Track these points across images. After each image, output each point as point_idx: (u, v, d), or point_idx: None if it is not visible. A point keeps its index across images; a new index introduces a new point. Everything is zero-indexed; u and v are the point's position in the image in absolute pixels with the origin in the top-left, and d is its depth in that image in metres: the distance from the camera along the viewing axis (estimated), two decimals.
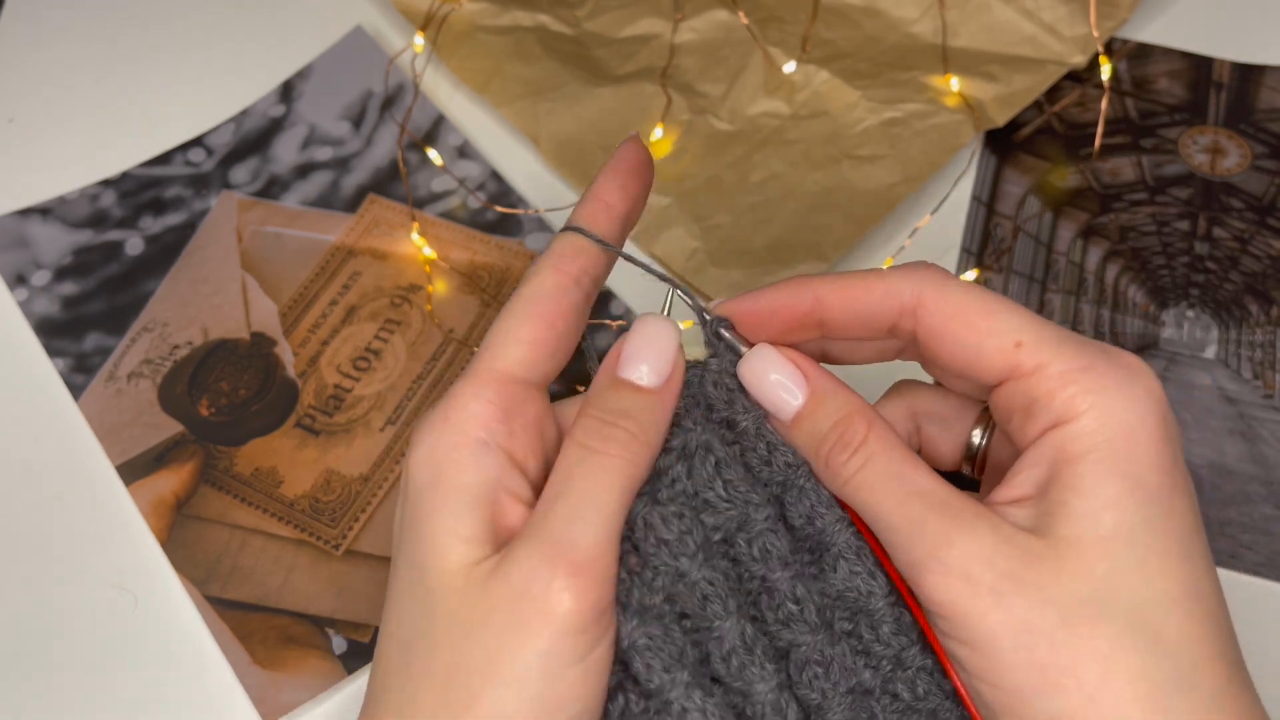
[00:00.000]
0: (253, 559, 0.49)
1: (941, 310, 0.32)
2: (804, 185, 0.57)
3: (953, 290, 0.32)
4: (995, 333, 0.31)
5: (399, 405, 0.53)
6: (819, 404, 0.33)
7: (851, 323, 0.34)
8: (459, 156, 0.61)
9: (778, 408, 0.34)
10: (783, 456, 0.33)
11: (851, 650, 0.33)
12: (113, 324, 0.56)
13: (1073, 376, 0.30)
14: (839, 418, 0.33)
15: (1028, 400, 0.31)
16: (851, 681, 0.33)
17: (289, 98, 0.63)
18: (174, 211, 0.59)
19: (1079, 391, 0.30)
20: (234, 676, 0.46)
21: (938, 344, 0.32)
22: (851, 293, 0.33)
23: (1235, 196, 0.57)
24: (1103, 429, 0.30)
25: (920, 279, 0.32)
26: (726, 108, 0.60)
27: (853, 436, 0.32)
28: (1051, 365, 0.30)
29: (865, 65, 0.61)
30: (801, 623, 0.33)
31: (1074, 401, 0.30)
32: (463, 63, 0.62)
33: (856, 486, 0.32)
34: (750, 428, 0.34)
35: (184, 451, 0.52)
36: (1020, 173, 0.59)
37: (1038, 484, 0.31)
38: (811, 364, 0.34)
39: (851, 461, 0.32)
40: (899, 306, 0.33)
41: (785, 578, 0.33)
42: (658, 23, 0.63)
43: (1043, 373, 0.30)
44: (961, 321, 0.32)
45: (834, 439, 0.32)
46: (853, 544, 0.33)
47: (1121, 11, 0.60)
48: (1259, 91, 0.60)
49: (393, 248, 0.57)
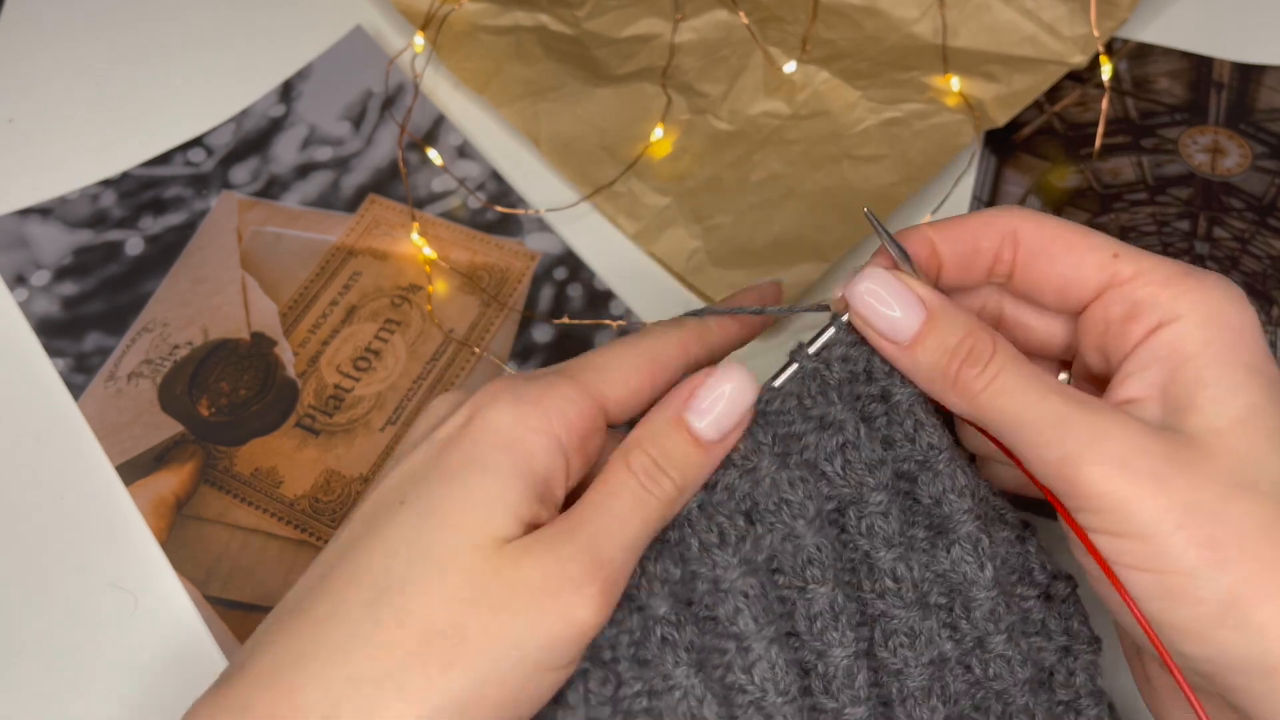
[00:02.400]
0: (253, 559, 0.49)
1: (1040, 233, 0.34)
2: (804, 185, 0.57)
3: (1045, 217, 0.34)
4: (1094, 246, 0.33)
5: (399, 405, 0.53)
6: (940, 320, 0.33)
7: (962, 258, 0.35)
8: (459, 156, 0.61)
9: (897, 327, 0.33)
10: (927, 437, 0.34)
11: (939, 622, 0.34)
12: (113, 324, 0.56)
13: (1174, 279, 0.32)
14: (965, 333, 0.33)
15: (1129, 304, 0.32)
16: (934, 653, 0.34)
17: (289, 98, 0.63)
18: (174, 211, 0.59)
19: (1181, 292, 0.32)
20: None
21: (1040, 263, 0.34)
22: (959, 227, 0.35)
23: (1235, 196, 0.57)
24: (1211, 323, 0.31)
25: (1011, 212, 0.35)
26: (726, 108, 0.60)
27: (982, 349, 0.32)
28: (1152, 270, 0.32)
29: (865, 65, 0.61)
30: (896, 598, 0.34)
31: (1179, 300, 0.32)
32: (463, 63, 0.62)
33: (994, 393, 0.32)
34: (903, 401, 0.34)
35: (184, 451, 0.52)
36: (1020, 173, 0.59)
37: (1156, 382, 0.32)
38: (925, 285, 0.34)
39: (986, 371, 0.32)
40: (1000, 234, 0.34)
41: (889, 557, 0.34)
42: (658, 23, 0.63)
43: (1143, 277, 0.32)
44: (1061, 240, 0.34)
45: (964, 352, 0.32)
46: (973, 535, 0.33)
47: (1121, 11, 0.60)
48: (1259, 91, 0.60)
49: (393, 248, 0.57)
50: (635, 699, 0.32)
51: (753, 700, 0.33)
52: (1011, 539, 0.35)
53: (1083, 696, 0.36)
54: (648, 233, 0.57)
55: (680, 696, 0.32)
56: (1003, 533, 0.35)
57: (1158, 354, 0.32)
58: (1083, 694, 0.36)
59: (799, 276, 0.54)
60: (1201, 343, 0.31)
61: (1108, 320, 0.33)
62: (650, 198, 0.57)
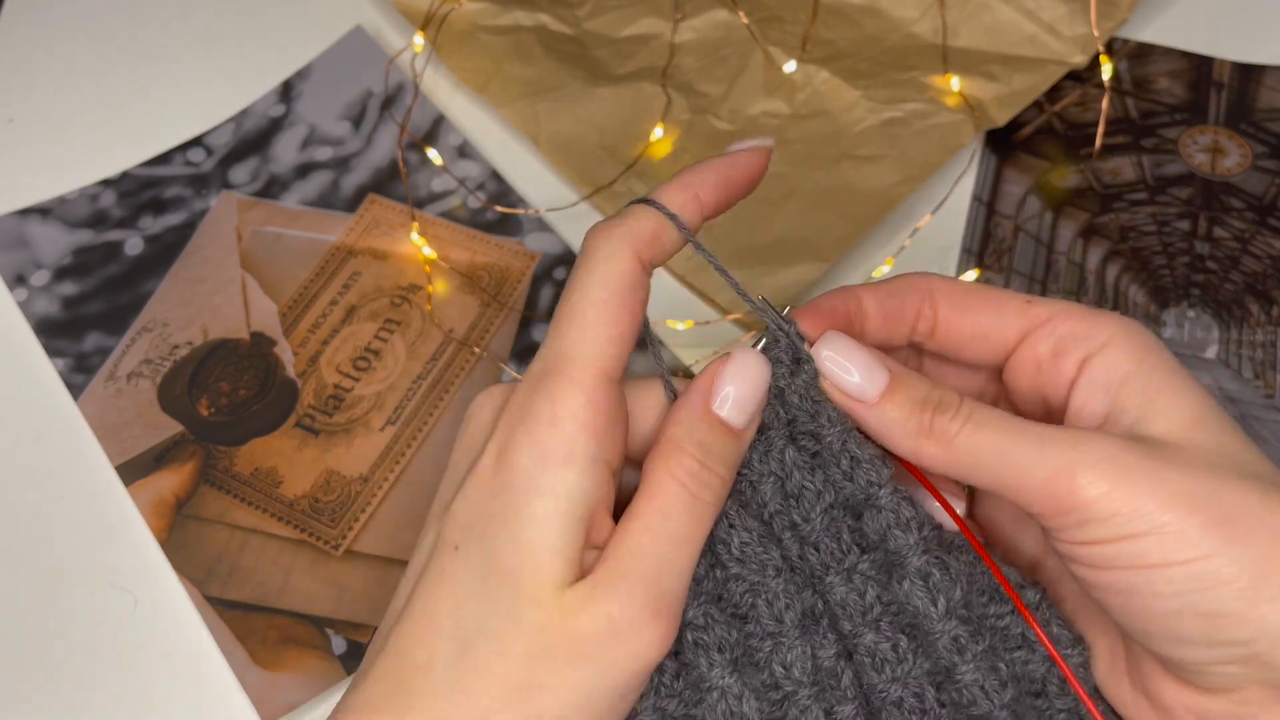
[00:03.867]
0: (253, 559, 0.49)
1: (956, 290, 0.36)
2: (804, 185, 0.57)
3: (959, 280, 0.36)
4: (1008, 298, 0.35)
5: (399, 405, 0.53)
6: (904, 377, 0.34)
7: (889, 314, 0.36)
8: (459, 156, 0.61)
9: (866, 386, 0.33)
10: (864, 474, 0.34)
11: (910, 640, 0.34)
12: (113, 324, 0.56)
13: (1084, 313, 0.34)
14: (929, 387, 0.34)
15: (1055, 340, 0.34)
16: (900, 670, 0.34)
17: (289, 98, 0.63)
18: (174, 211, 0.59)
19: (1097, 323, 0.34)
20: (234, 676, 0.46)
21: (959, 317, 0.35)
22: (885, 287, 0.36)
23: (1235, 196, 0.57)
24: (1134, 344, 0.33)
25: (928, 275, 0.36)
26: (726, 108, 0.60)
27: (950, 398, 0.33)
28: (1065, 309, 0.34)
29: (865, 65, 0.61)
30: (846, 622, 0.34)
31: (1097, 329, 0.33)
32: (463, 63, 0.62)
33: (970, 433, 0.32)
34: (835, 442, 0.34)
35: (184, 451, 0.52)
36: (1020, 172, 0.59)
37: (1109, 405, 0.33)
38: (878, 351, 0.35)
39: (960, 414, 0.33)
40: (920, 294, 0.36)
41: (833, 582, 0.34)
42: (658, 23, 0.63)
43: (1059, 316, 0.34)
44: (977, 295, 0.36)
45: (933, 403, 0.33)
46: (922, 570, 0.33)
47: (1121, 11, 0.60)
48: (1259, 91, 0.60)
49: (393, 248, 0.57)
50: (692, 693, 0.33)
51: (786, 694, 0.33)
52: (972, 560, 0.35)
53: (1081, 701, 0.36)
54: None
55: (719, 696, 0.32)
56: (963, 557, 0.34)
57: (1099, 380, 0.33)
58: None
59: (799, 276, 0.54)
60: (1135, 361, 0.33)
61: (1038, 361, 0.35)
62: None
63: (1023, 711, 0.34)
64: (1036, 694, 0.35)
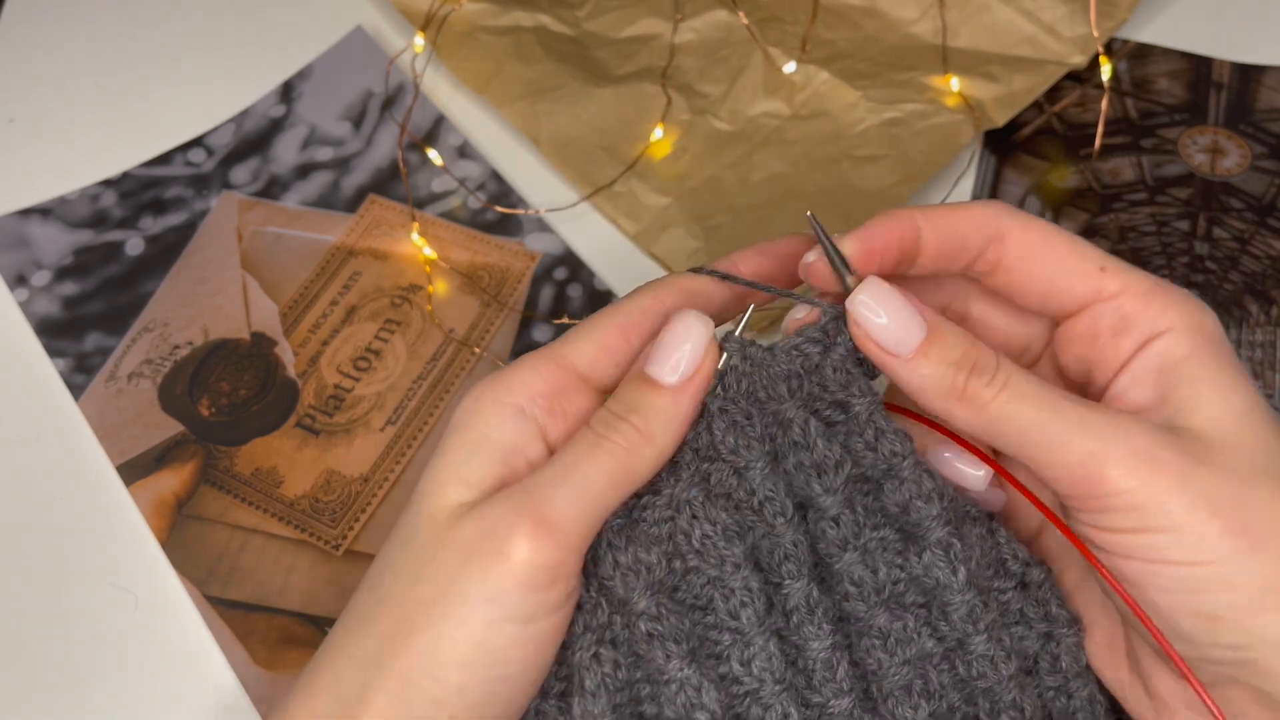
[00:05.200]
0: (253, 559, 0.49)
1: (1029, 238, 0.34)
2: (804, 185, 0.57)
3: (1034, 222, 0.34)
4: (1082, 258, 0.34)
5: (399, 405, 0.53)
6: (941, 333, 0.33)
7: (947, 247, 0.35)
8: (459, 156, 0.61)
9: (899, 340, 0.33)
10: (889, 444, 0.34)
11: (918, 620, 0.34)
12: (113, 324, 0.56)
13: (1155, 294, 0.33)
14: (968, 344, 0.33)
15: (1119, 318, 0.33)
16: (912, 651, 0.34)
17: (289, 98, 0.63)
18: (174, 211, 0.59)
19: (1164, 306, 0.33)
20: (234, 676, 0.46)
21: (1026, 268, 0.34)
22: (948, 217, 0.35)
23: (1235, 196, 0.57)
24: (1196, 333, 0.32)
25: (1001, 211, 0.34)
26: (726, 108, 0.60)
27: (987, 360, 0.32)
28: (1135, 285, 0.33)
29: (865, 65, 0.61)
30: (860, 601, 0.34)
31: (1164, 315, 0.33)
32: (463, 63, 0.62)
33: (1006, 402, 0.32)
34: (862, 412, 0.34)
35: (184, 451, 0.52)
36: (1020, 173, 0.59)
37: (1155, 391, 0.32)
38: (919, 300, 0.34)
39: (995, 380, 0.32)
40: (987, 232, 0.34)
41: (847, 561, 0.34)
42: (658, 23, 0.63)
43: (1128, 292, 0.33)
44: (1050, 248, 0.34)
45: (969, 364, 0.32)
46: (944, 540, 0.33)
47: (1121, 11, 0.60)
48: (1259, 91, 0.60)
49: (393, 248, 0.57)
50: (644, 685, 0.33)
51: (749, 691, 0.33)
52: (983, 534, 0.35)
53: (1071, 680, 0.36)
54: (648, 233, 0.57)
55: (677, 689, 0.32)
56: (974, 530, 0.35)
57: (1152, 365, 0.33)
58: (1070, 677, 0.36)
59: None
60: (1190, 350, 0.32)
61: (1097, 333, 0.34)
62: (650, 198, 0.57)
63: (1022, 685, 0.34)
64: (1027, 671, 0.35)
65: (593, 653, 0.32)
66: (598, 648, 0.33)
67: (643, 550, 0.33)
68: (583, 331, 0.35)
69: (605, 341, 0.35)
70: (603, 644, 0.33)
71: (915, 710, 0.34)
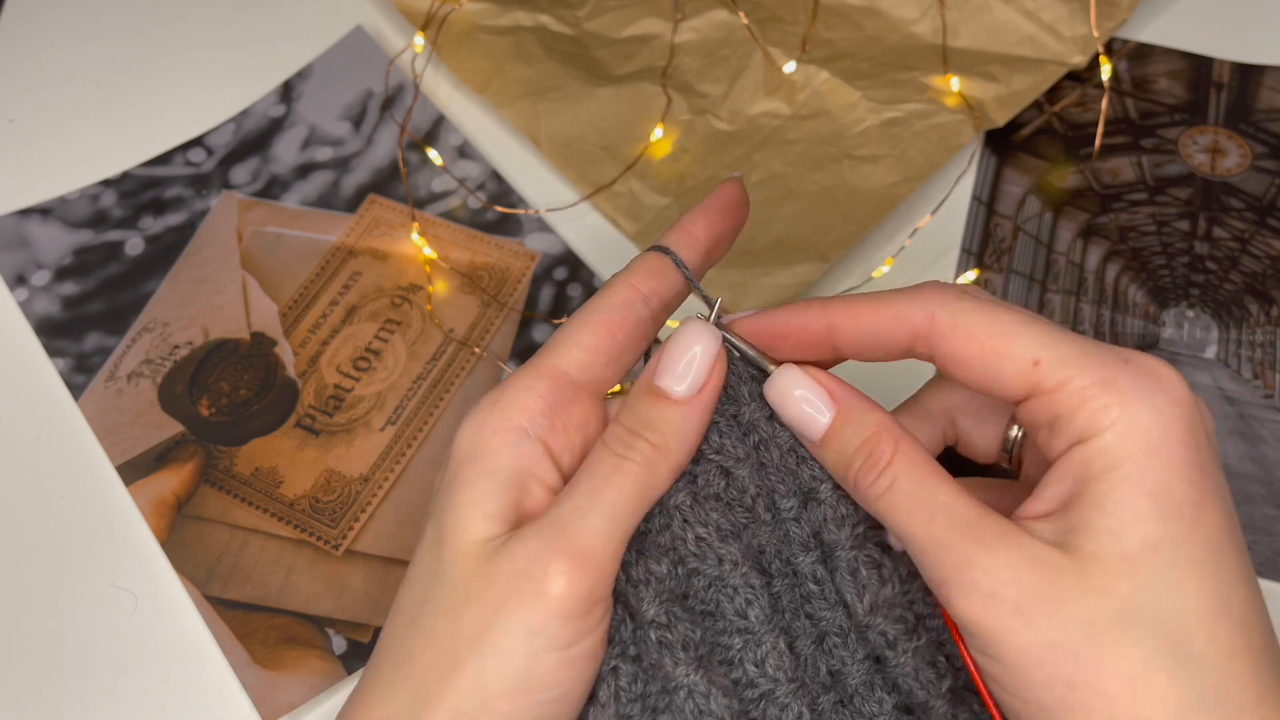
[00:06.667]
0: (253, 559, 0.49)
1: (954, 335, 0.32)
2: (804, 185, 0.57)
3: (963, 312, 0.32)
4: (1012, 355, 0.31)
5: (399, 405, 0.53)
6: (845, 423, 0.33)
7: (865, 348, 0.34)
8: (459, 156, 0.61)
9: (805, 427, 0.34)
10: (809, 469, 0.35)
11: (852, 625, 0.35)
12: (113, 324, 0.56)
13: (1094, 392, 0.30)
14: (866, 436, 0.33)
15: (1051, 416, 0.30)
16: (867, 649, 0.35)
17: (289, 98, 0.63)
18: (174, 211, 0.59)
19: (1101, 407, 0.29)
20: (234, 676, 0.46)
21: (956, 368, 0.32)
22: (862, 318, 0.34)
23: (1235, 196, 0.57)
24: (1126, 444, 0.29)
25: (928, 301, 0.32)
26: (726, 108, 0.60)
27: (879, 456, 0.32)
28: (1072, 381, 0.30)
29: (865, 65, 0.61)
30: (821, 600, 0.35)
31: (1097, 417, 0.29)
32: (463, 63, 0.62)
33: (885, 506, 0.32)
34: (784, 441, 0.35)
35: (184, 451, 0.52)
36: (1020, 173, 0.59)
37: (1062, 500, 0.30)
38: (836, 381, 0.34)
39: (879, 482, 0.32)
40: (911, 331, 0.33)
41: (807, 561, 0.35)
42: (658, 23, 0.63)
43: (1064, 389, 0.30)
44: (977, 345, 0.31)
45: (861, 459, 0.33)
46: (850, 565, 0.34)
47: (1121, 11, 0.60)
48: (1259, 91, 0.60)
49: (393, 248, 0.57)
50: (660, 696, 0.33)
51: (764, 693, 0.33)
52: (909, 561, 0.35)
53: None
54: (648, 233, 0.57)
55: (685, 695, 0.32)
56: (903, 557, 0.35)
57: (1071, 470, 0.30)
58: None
59: (799, 276, 0.54)
60: (1112, 463, 0.29)
61: (1036, 424, 0.32)
62: (650, 198, 0.57)
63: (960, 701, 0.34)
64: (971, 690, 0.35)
65: (612, 666, 0.33)
66: (617, 661, 0.33)
67: (653, 561, 0.34)
68: (569, 335, 0.35)
69: (593, 343, 0.35)
70: (623, 658, 0.33)
71: (880, 704, 0.34)
